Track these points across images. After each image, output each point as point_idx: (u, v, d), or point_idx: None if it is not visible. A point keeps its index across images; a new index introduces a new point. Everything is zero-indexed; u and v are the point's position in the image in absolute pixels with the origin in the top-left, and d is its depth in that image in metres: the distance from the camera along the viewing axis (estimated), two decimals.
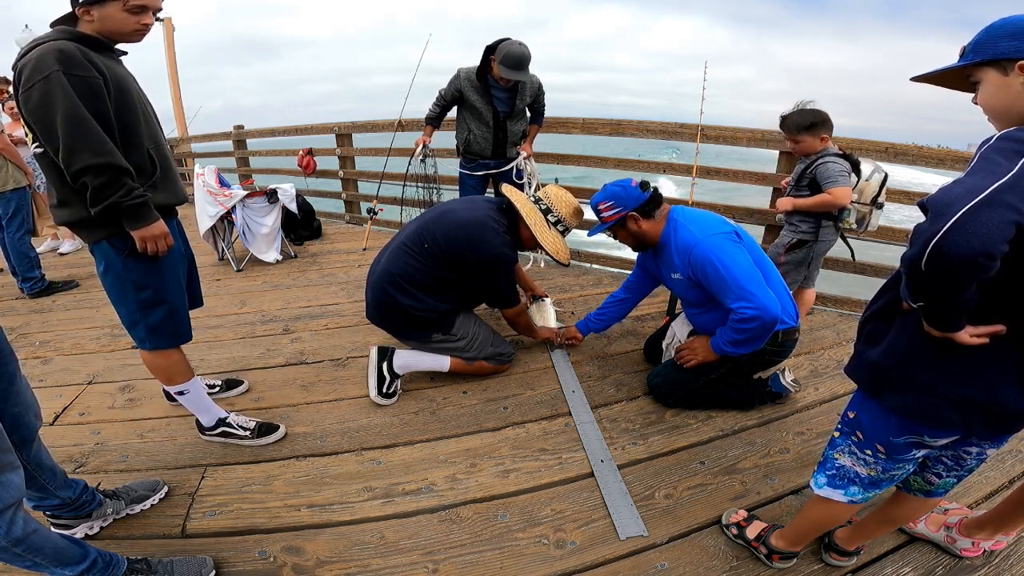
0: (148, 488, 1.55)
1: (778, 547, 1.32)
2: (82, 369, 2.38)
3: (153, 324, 1.56)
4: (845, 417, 1.12)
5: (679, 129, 3.23)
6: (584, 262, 3.73)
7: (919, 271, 0.77)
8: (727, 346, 1.82)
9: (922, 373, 0.93)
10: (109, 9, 1.34)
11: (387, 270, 2.03)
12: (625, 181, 1.93)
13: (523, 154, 3.21)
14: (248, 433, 1.80)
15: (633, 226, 1.91)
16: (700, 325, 2.01)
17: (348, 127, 4.73)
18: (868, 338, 1.04)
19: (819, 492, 1.18)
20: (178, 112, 8.00)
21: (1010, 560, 1.34)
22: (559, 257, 2.09)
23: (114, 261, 1.46)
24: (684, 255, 1.81)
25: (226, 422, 1.80)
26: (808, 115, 2.22)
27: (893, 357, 0.97)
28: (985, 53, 0.84)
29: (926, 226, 0.76)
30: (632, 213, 1.88)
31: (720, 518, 1.48)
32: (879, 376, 0.99)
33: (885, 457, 1.05)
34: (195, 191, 3.77)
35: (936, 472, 1.13)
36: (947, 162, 2.65)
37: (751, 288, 1.68)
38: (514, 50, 2.73)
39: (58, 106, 1.24)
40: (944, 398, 0.92)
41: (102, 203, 1.32)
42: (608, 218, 1.92)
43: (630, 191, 1.88)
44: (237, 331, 2.73)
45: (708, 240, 1.75)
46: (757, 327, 1.70)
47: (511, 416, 1.96)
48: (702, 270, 1.76)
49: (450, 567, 1.35)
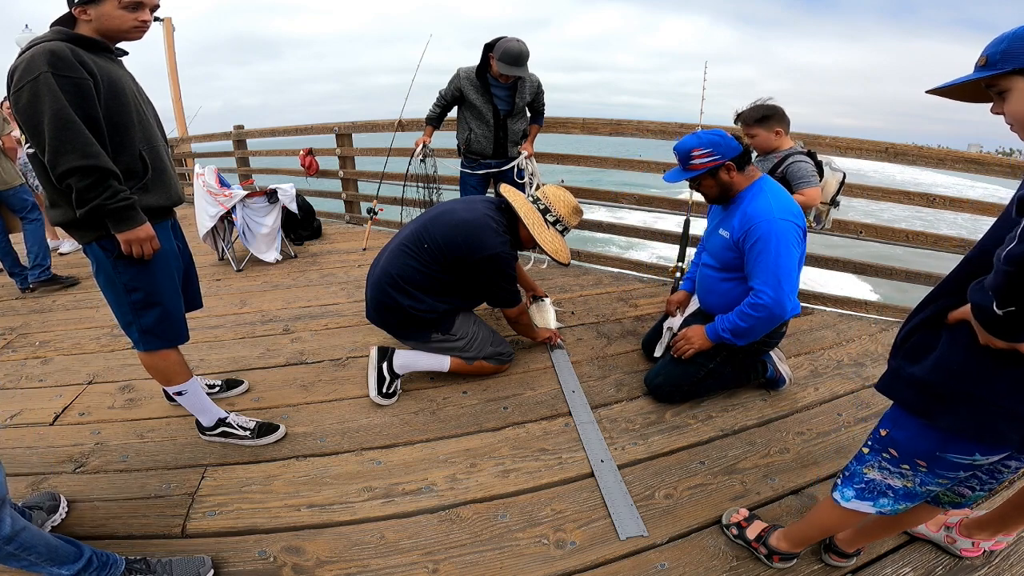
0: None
1: (779, 548, 1.31)
2: (82, 369, 2.38)
3: (146, 325, 1.56)
4: (876, 435, 1.07)
5: (679, 129, 3.23)
6: (584, 262, 3.73)
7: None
8: (725, 332, 1.84)
9: (979, 391, 0.88)
10: (105, 7, 1.34)
11: (386, 271, 2.03)
12: (718, 130, 1.86)
13: (524, 153, 3.21)
14: (248, 433, 1.79)
15: (725, 176, 1.83)
16: (709, 289, 2.00)
17: (348, 127, 4.73)
18: (909, 353, 0.98)
19: (847, 506, 1.13)
20: (178, 112, 8.00)
21: (1010, 560, 1.34)
22: (558, 257, 2.08)
23: (104, 263, 1.47)
24: (748, 220, 1.76)
25: (226, 422, 1.80)
26: (760, 109, 2.23)
27: (945, 373, 0.91)
28: (1018, 61, 0.81)
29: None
30: (729, 162, 1.81)
31: (720, 518, 1.48)
32: (929, 394, 0.93)
33: (926, 470, 1.00)
34: (195, 191, 3.77)
35: (970, 486, 1.10)
36: (947, 162, 2.66)
37: (784, 282, 1.70)
38: (512, 47, 2.76)
39: (45, 108, 1.24)
40: (1001, 414, 0.87)
41: (87, 205, 1.32)
42: (701, 165, 1.82)
43: (728, 140, 1.81)
44: (237, 331, 2.73)
45: (781, 222, 1.71)
46: (765, 317, 1.73)
47: (511, 416, 1.96)
48: (755, 241, 1.73)
49: (450, 567, 1.35)
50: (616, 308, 2.92)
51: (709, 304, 2.05)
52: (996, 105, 0.88)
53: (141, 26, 1.41)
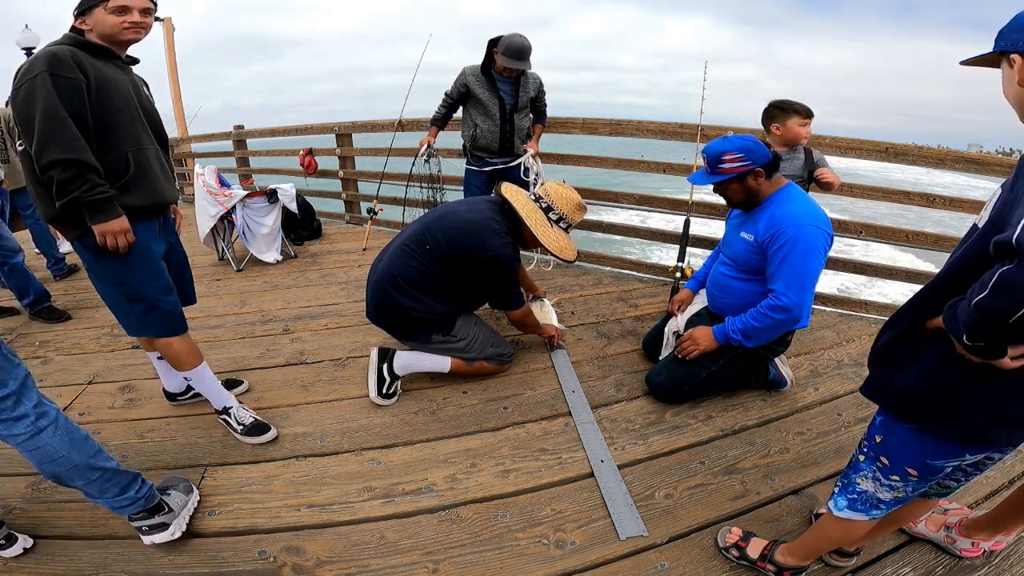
0: None
1: (788, 564, 1.28)
2: (82, 369, 2.38)
3: (137, 316, 1.64)
4: (871, 441, 1.05)
5: (679, 129, 3.23)
6: (584, 262, 3.73)
7: (1001, 324, 0.70)
8: (736, 333, 1.84)
9: (965, 401, 0.88)
10: (96, 14, 1.45)
11: (388, 271, 2.03)
12: (751, 137, 1.86)
13: (530, 151, 3.22)
14: (241, 428, 1.83)
15: (752, 182, 1.83)
16: (723, 288, 2.01)
17: (348, 127, 4.73)
18: (892, 362, 0.97)
19: (839, 515, 1.13)
20: (178, 112, 8.01)
21: (1010, 560, 1.34)
22: (563, 255, 2.08)
23: (88, 258, 1.54)
24: (776, 224, 1.76)
25: (228, 411, 1.85)
26: (800, 104, 2.27)
27: (929, 385, 0.91)
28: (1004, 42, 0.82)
29: (1016, 274, 0.67)
30: (759, 168, 1.81)
31: (721, 513, 1.47)
32: (917, 404, 0.94)
33: (917, 479, 1.00)
34: (195, 191, 3.77)
35: (955, 478, 1.11)
36: (947, 162, 2.66)
37: (805, 287, 1.72)
38: (515, 41, 2.83)
39: (39, 103, 1.32)
40: (991, 420, 0.88)
41: (65, 197, 1.38)
42: (732, 169, 1.81)
43: (760, 146, 1.81)
44: (237, 331, 2.73)
45: (811, 228, 1.71)
46: (783, 319, 1.75)
47: (511, 416, 1.96)
48: (782, 244, 1.73)
49: (450, 567, 1.35)
50: (616, 308, 2.92)
51: (721, 305, 2.05)
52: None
53: (131, 27, 1.49)
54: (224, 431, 1.86)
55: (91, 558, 1.37)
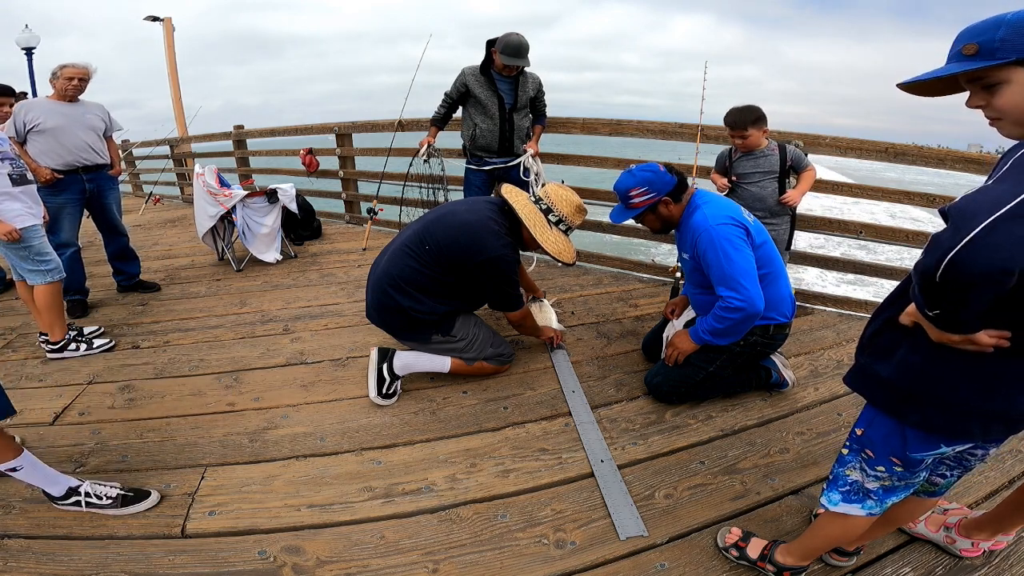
0: None
1: (787, 564, 1.28)
2: (82, 369, 2.38)
3: None
4: (853, 434, 1.08)
5: (679, 129, 3.23)
6: (584, 262, 3.72)
7: (932, 282, 0.74)
8: (705, 334, 1.87)
9: (943, 392, 0.90)
10: None
11: (387, 271, 2.03)
12: (652, 165, 1.90)
13: (530, 151, 3.22)
14: (110, 502, 1.50)
15: (664, 211, 1.90)
16: (700, 306, 2.03)
17: (348, 127, 4.73)
18: (876, 352, 1.00)
19: (835, 509, 1.13)
20: (178, 112, 8.00)
21: (1010, 560, 1.34)
22: (562, 257, 2.08)
23: None
24: (692, 236, 1.84)
25: (77, 491, 1.50)
26: (752, 111, 2.41)
27: (909, 377, 0.93)
28: (1021, 51, 0.76)
29: (945, 236, 0.72)
30: (665, 198, 1.86)
31: (721, 513, 1.47)
32: (896, 394, 0.96)
33: (902, 468, 1.02)
34: (195, 191, 3.77)
35: (940, 474, 1.13)
36: (947, 162, 2.65)
37: (743, 281, 1.73)
38: (513, 39, 2.86)
39: None
40: (966, 413, 0.90)
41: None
42: (640, 203, 1.88)
43: (661, 175, 1.86)
44: (237, 331, 2.73)
45: (717, 228, 1.77)
46: (740, 318, 1.76)
47: (511, 416, 1.96)
48: (704, 254, 1.79)
49: (450, 567, 1.35)
50: (616, 308, 2.92)
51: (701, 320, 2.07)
52: (977, 97, 0.84)
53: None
54: (224, 431, 1.86)
55: (91, 558, 1.37)
